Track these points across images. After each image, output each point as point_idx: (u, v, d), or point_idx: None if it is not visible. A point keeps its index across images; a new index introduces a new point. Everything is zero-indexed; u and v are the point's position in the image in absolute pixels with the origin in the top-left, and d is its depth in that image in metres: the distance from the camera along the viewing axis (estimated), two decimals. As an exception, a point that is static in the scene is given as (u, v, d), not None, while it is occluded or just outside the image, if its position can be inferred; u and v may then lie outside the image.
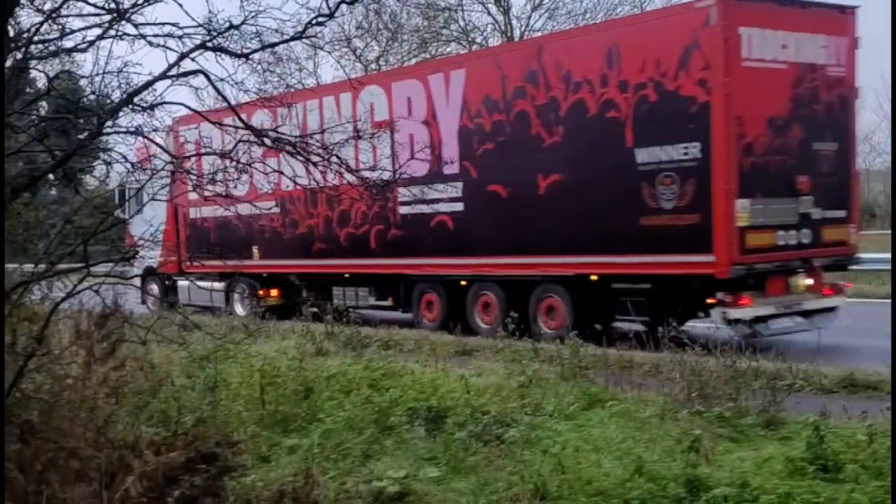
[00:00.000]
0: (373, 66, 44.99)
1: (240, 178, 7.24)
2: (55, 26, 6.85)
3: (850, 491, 6.35)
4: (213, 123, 7.41)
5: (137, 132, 6.89)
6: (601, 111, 14.65)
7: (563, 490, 6.79)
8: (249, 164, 7.26)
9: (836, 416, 8.26)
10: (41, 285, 7.36)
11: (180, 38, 6.71)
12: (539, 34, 44.24)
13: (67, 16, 6.81)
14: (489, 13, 44.74)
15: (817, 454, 7.04)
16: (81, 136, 6.98)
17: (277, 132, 7.19)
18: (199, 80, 7.01)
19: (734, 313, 13.56)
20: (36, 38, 6.73)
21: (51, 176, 7.28)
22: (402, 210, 18.00)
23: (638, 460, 6.98)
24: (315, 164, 7.36)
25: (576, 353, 11.10)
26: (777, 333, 13.96)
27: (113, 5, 6.58)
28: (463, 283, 17.43)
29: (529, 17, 44.47)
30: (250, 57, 7.06)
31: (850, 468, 6.83)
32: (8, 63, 6.69)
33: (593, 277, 15.17)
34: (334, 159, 7.36)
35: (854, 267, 15.86)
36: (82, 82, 8.44)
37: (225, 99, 7.35)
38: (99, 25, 6.72)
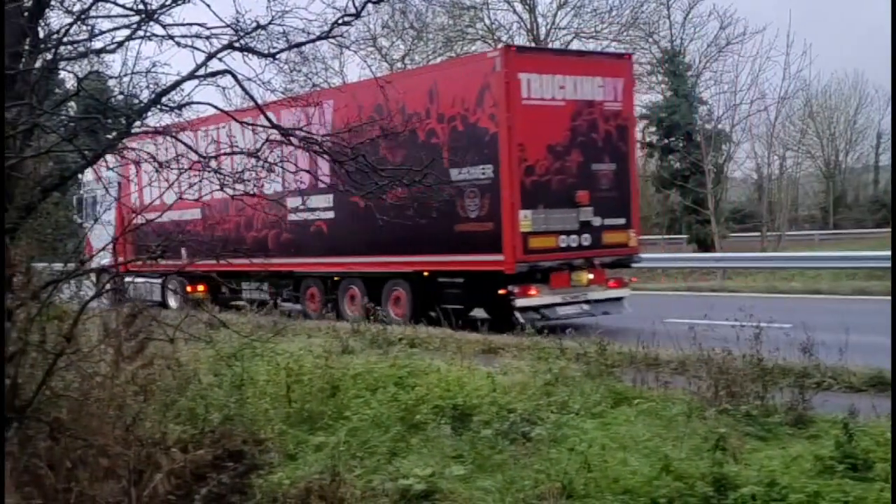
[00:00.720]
0: (398, 64, 45.04)
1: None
2: (84, 27, 6.90)
3: (879, 490, 6.31)
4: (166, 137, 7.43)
5: (166, 132, 6.93)
6: (427, 138, 17.68)
7: (589, 488, 6.78)
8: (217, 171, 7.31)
9: (864, 415, 8.20)
10: (70, 284, 7.42)
11: (208, 38, 6.76)
12: (564, 32, 44.30)
13: (96, 17, 6.87)
14: (515, 11, 44.71)
15: (846, 453, 6.99)
16: (110, 136, 7.03)
17: (306, 132, 7.22)
18: (227, 80, 7.05)
19: (521, 302, 16.94)
20: (65, 40, 6.79)
21: (80, 176, 7.33)
22: (291, 217, 20.17)
23: (665, 458, 6.96)
24: (342, 163, 7.38)
25: (602, 352, 11.08)
26: (563, 318, 16.95)
27: (141, 6, 6.63)
28: (336, 278, 20.74)
29: (555, 15, 44.38)
30: (277, 57, 7.08)
31: (879, 467, 6.78)
32: (38, 64, 6.75)
33: (426, 273, 18.47)
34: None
35: (635, 265, 19.31)
36: (111, 83, 8.49)
37: (252, 98, 7.40)
38: (127, 26, 6.77)
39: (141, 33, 6.75)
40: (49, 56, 6.87)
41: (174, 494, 6.56)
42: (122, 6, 6.69)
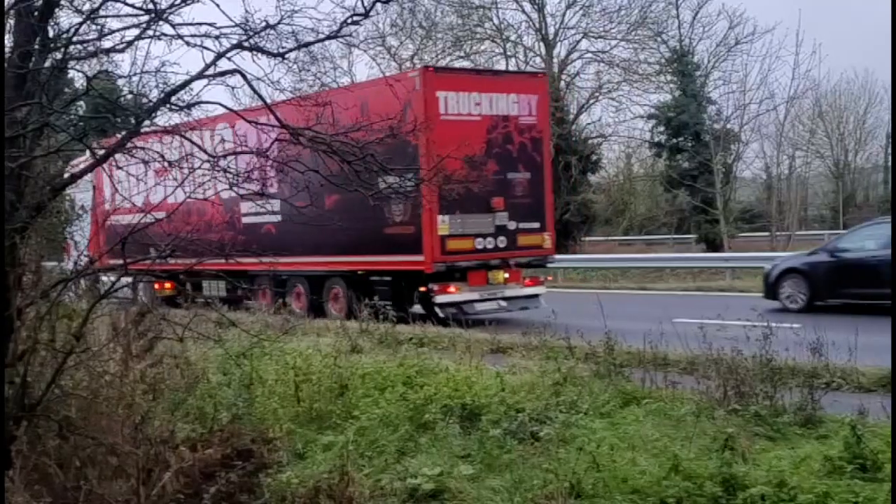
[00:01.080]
0: (407, 63, 45.07)
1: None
2: (94, 27, 6.91)
3: (888, 491, 6.29)
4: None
5: (175, 131, 6.94)
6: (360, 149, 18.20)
7: (598, 488, 6.77)
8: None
9: (874, 415, 8.18)
10: (79, 283, 7.44)
11: (217, 37, 6.75)
12: (573, 31, 44.31)
13: (106, 16, 6.87)
14: (523, 11, 44.78)
15: (855, 453, 6.98)
16: (120, 135, 7.05)
17: (314, 131, 7.22)
18: (236, 80, 7.05)
19: (440, 298, 18.82)
20: (75, 39, 6.80)
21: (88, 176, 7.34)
22: (245, 220, 22.02)
23: (674, 458, 6.94)
24: (350, 162, 7.39)
25: (610, 352, 11.06)
26: (482, 313, 18.71)
27: (151, 6, 6.63)
28: (284, 277, 21.91)
29: (564, 15, 44.41)
30: (286, 56, 7.08)
31: (888, 468, 6.75)
32: (47, 63, 6.77)
33: (360, 272, 20.14)
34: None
35: (551, 265, 21.58)
36: (120, 82, 8.51)
37: (261, 98, 7.40)
38: (137, 26, 6.77)
39: (150, 33, 6.75)
40: (59, 55, 6.87)
41: (183, 493, 6.57)
42: (132, 6, 6.69)
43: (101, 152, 6.83)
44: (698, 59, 44.37)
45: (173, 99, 6.85)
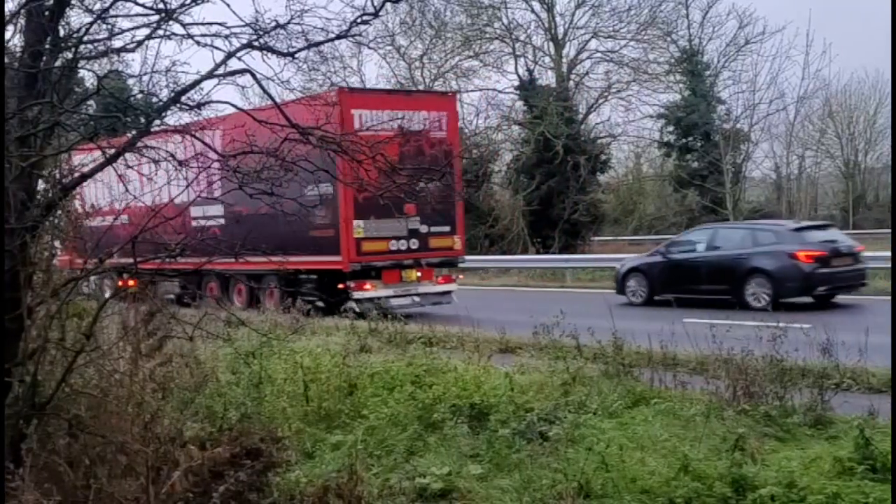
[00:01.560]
0: (416, 63, 45.09)
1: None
2: (104, 26, 6.91)
3: (898, 491, 6.28)
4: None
5: (185, 130, 6.95)
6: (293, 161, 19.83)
7: (607, 488, 6.77)
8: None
9: (884, 416, 8.16)
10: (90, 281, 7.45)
11: (227, 37, 6.76)
12: (582, 31, 44.28)
13: (116, 16, 6.87)
14: (532, 10, 44.74)
15: (865, 454, 6.97)
16: (130, 135, 7.06)
17: (323, 131, 7.24)
18: (245, 79, 7.06)
19: (357, 294, 20.95)
20: (85, 39, 6.81)
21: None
22: (193, 223, 22.34)
23: (683, 459, 6.94)
24: (360, 162, 7.40)
25: (619, 351, 11.05)
26: (397, 308, 19.16)
27: (161, 5, 6.63)
28: (227, 275, 22.60)
29: (573, 14, 44.38)
30: (296, 56, 7.09)
31: (895, 468, 6.75)
32: (58, 63, 6.78)
33: (291, 271, 21.07)
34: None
35: (462, 265, 23.51)
36: (130, 81, 8.53)
37: (271, 97, 7.41)
38: (147, 25, 6.77)
39: (160, 32, 6.76)
40: (69, 55, 6.88)
41: (192, 492, 6.57)
42: (142, 5, 6.70)
43: (112, 151, 6.84)
44: (708, 59, 44.33)
45: (183, 98, 6.86)
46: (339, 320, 16.95)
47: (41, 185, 6.92)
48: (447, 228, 22.21)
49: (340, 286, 21.21)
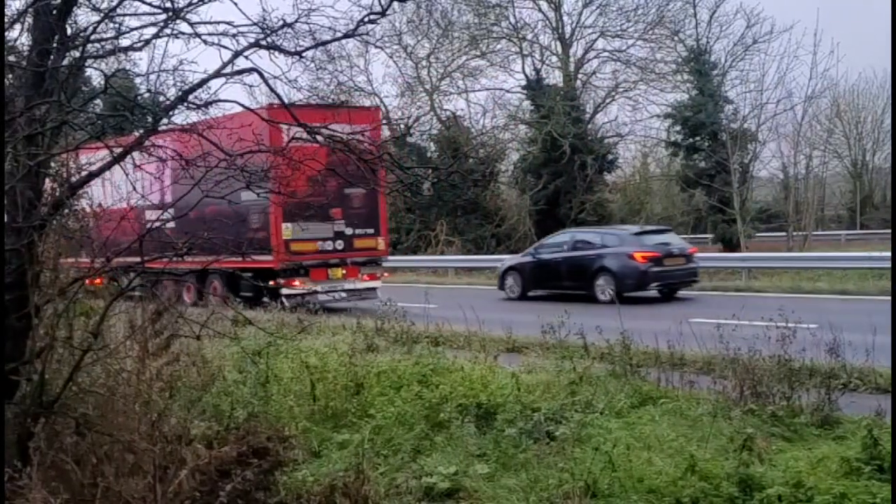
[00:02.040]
0: (423, 62, 45.09)
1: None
2: (112, 25, 6.93)
3: (905, 492, 6.27)
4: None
5: (192, 129, 6.96)
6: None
7: (614, 488, 6.76)
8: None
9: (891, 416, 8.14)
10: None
11: (234, 36, 6.77)
12: (590, 30, 44.25)
13: (124, 15, 6.89)
14: (540, 10, 44.72)
15: (873, 454, 6.95)
16: (137, 134, 7.07)
17: (331, 130, 7.25)
18: (253, 78, 7.07)
19: (287, 290, 22.66)
20: (93, 38, 6.81)
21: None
22: (149, 225, 23.69)
23: (690, 459, 6.93)
24: (367, 161, 7.41)
25: (626, 351, 11.04)
26: (325, 303, 22.05)
27: (168, 4, 6.65)
28: (179, 273, 22.94)
29: (580, 14, 44.35)
30: (303, 55, 7.09)
31: (902, 468, 6.73)
32: (65, 61, 6.79)
33: (230, 269, 21.52)
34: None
35: (385, 264, 25.75)
36: (138, 80, 8.54)
37: (278, 96, 7.43)
38: (154, 24, 6.78)
39: (168, 31, 6.77)
40: (77, 54, 6.89)
41: (199, 490, 6.58)
42: (150, 4, 6.71)
43: (119, 150, 6.85)
44: (715, 59, 44.19)
45: (190, 97, 6.87)
46: (333, 319, 17.17)
47: (48, 183, 6.93)
48: (371, 230, 24.05)
49: (272, 283, 22.66)
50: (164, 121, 7.11)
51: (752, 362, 9.36)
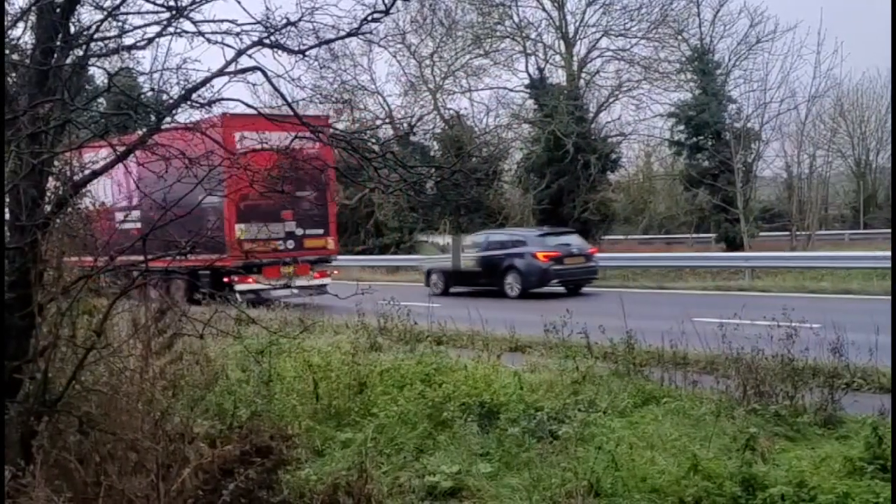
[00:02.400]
0: (427, 61, 45.08)
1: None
2: (115, 24, 6.92)
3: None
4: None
5: (195, 128, 6.96)
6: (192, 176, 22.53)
7: (617, 487, 6.76)
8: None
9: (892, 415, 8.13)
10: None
11: (238, 34, 6.76)
12: (593, 29, 44.23)
13: (127, 13, 6.88)
14: (543, 9, 44.68)
15: (876, 454, 6.95)
16: (141, 132, 7.07)
17: (335, 129, 7.24)
18: (256, 77, 7.06)
19: (240, 287, 23.77)
20: (96, 36, 6.81)
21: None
22: (124, 226, 24.82)
23: (693, 458, 6.93)
24: (370, 160, 7.41)
25: (630, 350, 11.04)
26: (278, 298, 22.37)
27: (172, 3, 6.64)
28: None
29: (584, 13, 44.31)
30: (307, 53, 7.09)
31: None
32: (68, 60, 6.79)
33: (191, 267, 22.74)
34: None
35: (334, 262, 27.11)
36: (141, 79, 8.54)
37: (282, 95, 7.43)
38: (158, 23, 6.78)
39: (171, 30, 6.76)
40: (80, 52, 6.89)
41: (202, 489, 6.58)
42: (153, 2, 6.70)
43: (122, 148, 6.85)
44: (719, 58, 44.13)
45: (194, 96, 6.86)
46: (335, 317, 17.19)
47: (52, 182, 6.93)
48: (321, 231, 25.81)
49: (226, 280, 24.18)
50: (186, 117, 7.13)
51: (755, 362, 9.36)
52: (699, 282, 28.66)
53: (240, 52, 6.80)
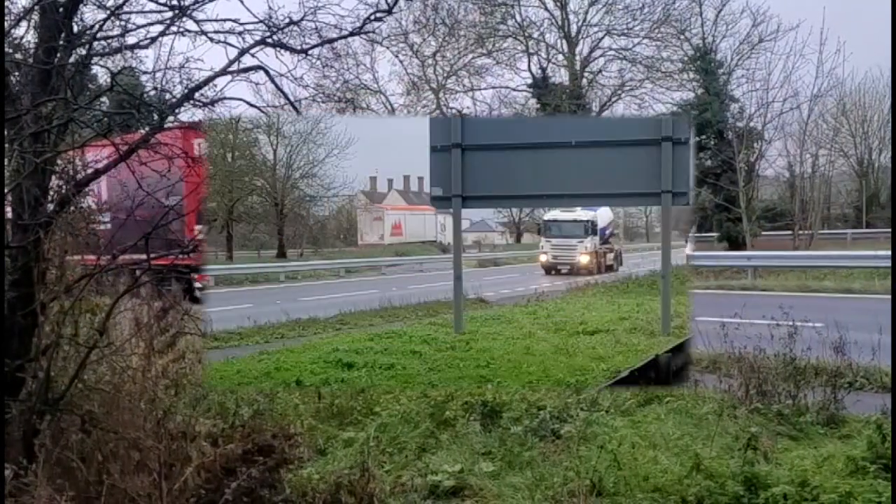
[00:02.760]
0: (429, 61, 45.05)
1: None
2: (118, 23, 6.93)
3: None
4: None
5: (196, 126, 6.96)
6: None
7: (619, 486, 6.76)
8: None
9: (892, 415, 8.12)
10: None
11: (241, 34, 6.77)
12: (596, 28, 44.21)
13: (130, 12, 6.89)
14: (546, 8, 44.63)
15: (879, 453, 6.94)
16: (143, 131, 7.07)
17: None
18: (259, 76, 7.07)
19: (197, 284, 23.99)
20: (99, 35, 6.81)
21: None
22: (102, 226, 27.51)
23: (695, 457, 6.93)
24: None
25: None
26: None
27: (175, 2, 6.65)
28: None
29: (586, 12, 44.25)
30: (309, 53, 7.09)
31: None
32: (71, 59, 6.79)
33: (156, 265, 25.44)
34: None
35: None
36: (144, 78, 8.54)
37: (284, 94, 7.41)
38: (161, 22, 6.79)
39: (174, 29, 6.77)
40: (83, 51, 6.89)
41: (204, 488, 6.57)
42: (156, 2, 6.72)
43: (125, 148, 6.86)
44: (721, 57, 44.05)
45: (197, 95, 6.87)
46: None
47: (55, 181, 6.94)
48: None
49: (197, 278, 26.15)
50: (189, 116, 7.14)
51: (757, 361, 9.35)
52: (701, 281, 28.64)
53: (242, 52, 6.81)
